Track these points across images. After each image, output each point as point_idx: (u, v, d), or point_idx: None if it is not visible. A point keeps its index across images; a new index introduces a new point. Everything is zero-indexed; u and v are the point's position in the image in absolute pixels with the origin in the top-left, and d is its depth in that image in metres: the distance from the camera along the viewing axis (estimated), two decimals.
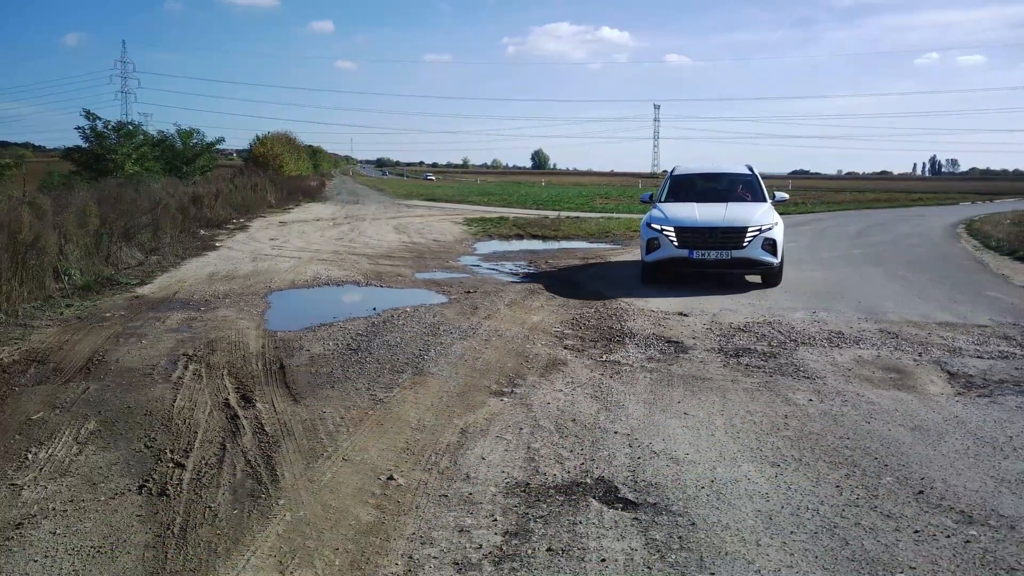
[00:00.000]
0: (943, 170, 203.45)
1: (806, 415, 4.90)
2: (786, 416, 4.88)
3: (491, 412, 4.96)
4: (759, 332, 7.29)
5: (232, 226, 19.10)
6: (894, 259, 13.60)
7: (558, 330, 7.43)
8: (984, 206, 37.75)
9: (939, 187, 79.74)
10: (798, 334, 7.20)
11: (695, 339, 7.03)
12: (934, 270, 12.11)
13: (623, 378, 5.76)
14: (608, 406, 5.08)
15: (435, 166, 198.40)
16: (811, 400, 5.22)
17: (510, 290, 9.77)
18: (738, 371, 5.96)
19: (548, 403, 5.14)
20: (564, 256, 13.99)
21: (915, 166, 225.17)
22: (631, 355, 6.45)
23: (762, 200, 10.96)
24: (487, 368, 6.01)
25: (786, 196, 11.94)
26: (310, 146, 76.28)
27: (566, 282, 10.65)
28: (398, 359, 6.19)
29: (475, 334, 7.12)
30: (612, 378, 5.75)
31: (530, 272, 11.77)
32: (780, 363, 6.18)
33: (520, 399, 5.24)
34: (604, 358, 6.35)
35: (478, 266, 12.48)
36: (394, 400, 5.17)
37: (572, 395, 5.32)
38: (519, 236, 18.13)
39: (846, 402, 5.18)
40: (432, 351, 6.45)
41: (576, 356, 6.44)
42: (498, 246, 16.06)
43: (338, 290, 10.00)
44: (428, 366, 6.01)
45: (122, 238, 11.94)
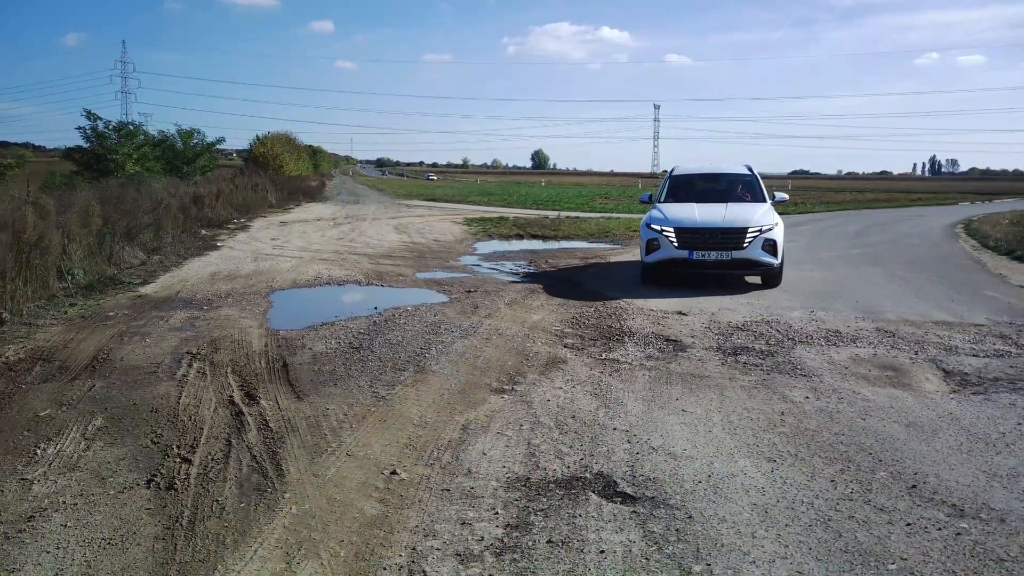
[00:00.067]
0: (943, 170, 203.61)
1: (802, 412, 4.97)
2: (783, 413, 4.95)
3: (492, 409, 5.03)
4: (757, 331, 7.37)
5: (233, 226, 19.18)
6: (893, 259, 13.66)
7: (558, 329, 7.50)
8: (983, 206, 37.82)
9: (939, 187, 79.80)
10: (796, 333, 7.27)
11: (694, 338, 7.11)
12: (932, 270, 12.18)
13: (622, 376, 5.83)
14: (607, 403, 5.16)
15: (435, 166, 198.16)
16: (808, 397, 5.29)
17: (510, 289, 9.84)
18: (736, 369, 6.03)
19: (548, 400, 5.21)
20: (564, 256, 14.07)
21: (915, 166, 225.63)
22: (630, 353, 6.52)
23: (762, 200, 10.97)
24: (488, 366, 6.09)
25: (786, 196, 11.95)
26: (310, 146, 76.35)
27: (566, 282, 10.72)
28: (400, 357, 6.26)
29: (476, 333, 7.19)
30: (611, 376, 5.82)
31: (530, 272, 11.84)
32: (777, 361, 6.25)
33: (520, 396, 5.31)
34: (603, 356, 6.43)
35: (478, 266, 12.55)
36: (396, 397, 5.24)
37: (572, 392, 5.40)
38: (519, 236, 18.20)
39: (842, 399, 5.25)
40: (433, 349, 6.53)
41: (576, 354, 6.51)
42: (498, 246, 16.13)
43: (339, 289, 10.07)
44: (430, 364, 6.08)
45: (124, 238, 12.01)
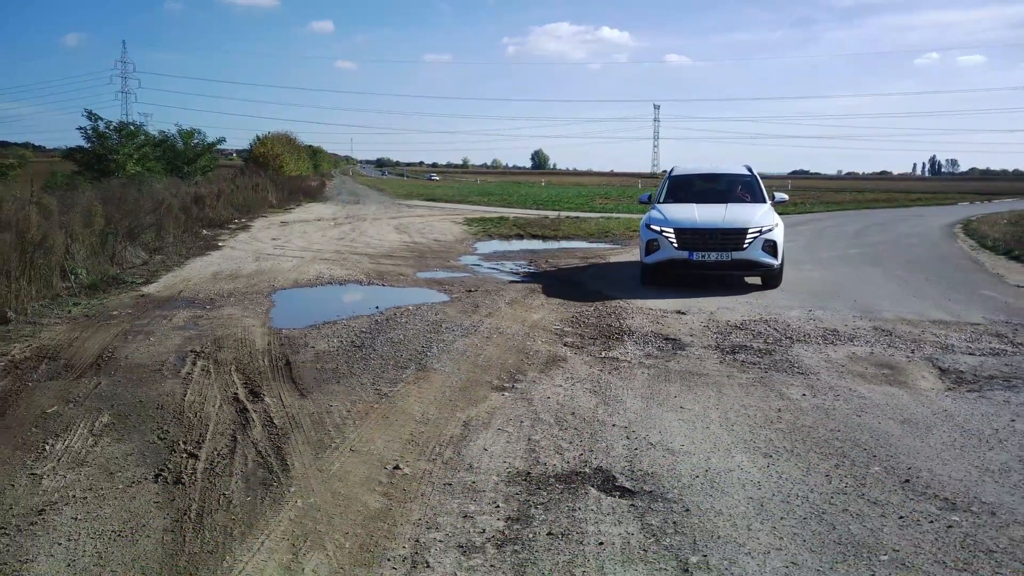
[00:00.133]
0: (943, 170, 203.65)
1: (799, 409, 5.04)
2: (779, 410, 5.02)
3: (493, 406, 5.10)
4: (755, 330, 7.44)
5: (234, 226, 19.25)
6: (891, 259, 13.73)
7: (558, 328, 7.57)
8: (983, 206, 37.90)
9: (938, 187, 79.87)
10: (794, 332, 7.34)
11: (692, 336, 7.18)
12: (930, 269, 12.25)
13: (621, 374, 5.90)
14: (606, 400, 5.23)
15: (435, 166, 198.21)
16: (804, 395, 5.36)
17: (511, 289, 9.91)
18: (734, 367, 6.11)
19: (548, 397, 5.29)
20: (564, 256, 14.14)
21: (915, 166, 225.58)
22: (629, 352, 6.59)
23: (762, 201, 10.97)
24: (488, 364, 6.16)
25: (786, 197, 11.98)
26: (310, 146, 76.53)
27: (566, 281, 10.79)
28: (401, 355, 6.34)
29: (476, 331, 7.27)
30: (611, 374, 5.90)
31: (530, 271, 11.91)
32: (775, 359, 6.32)
33: (521, 394, 5.38)
34: (603, 355, 6.50)
35: (479, 265, 12.62)
36: (398, 394, 5.31)
37: (571, 390, 5.47)
38: (519, 236, 18.28)
39: (838, 396, 5.32)
40: (435, 348, 6.60)
41: (575, 353, 6.58)
42: (498, 246, 16.21)
43: (341, 289, 10.14)
44: (431, 362, 6.15)
45: (127, 238, 12.08)
